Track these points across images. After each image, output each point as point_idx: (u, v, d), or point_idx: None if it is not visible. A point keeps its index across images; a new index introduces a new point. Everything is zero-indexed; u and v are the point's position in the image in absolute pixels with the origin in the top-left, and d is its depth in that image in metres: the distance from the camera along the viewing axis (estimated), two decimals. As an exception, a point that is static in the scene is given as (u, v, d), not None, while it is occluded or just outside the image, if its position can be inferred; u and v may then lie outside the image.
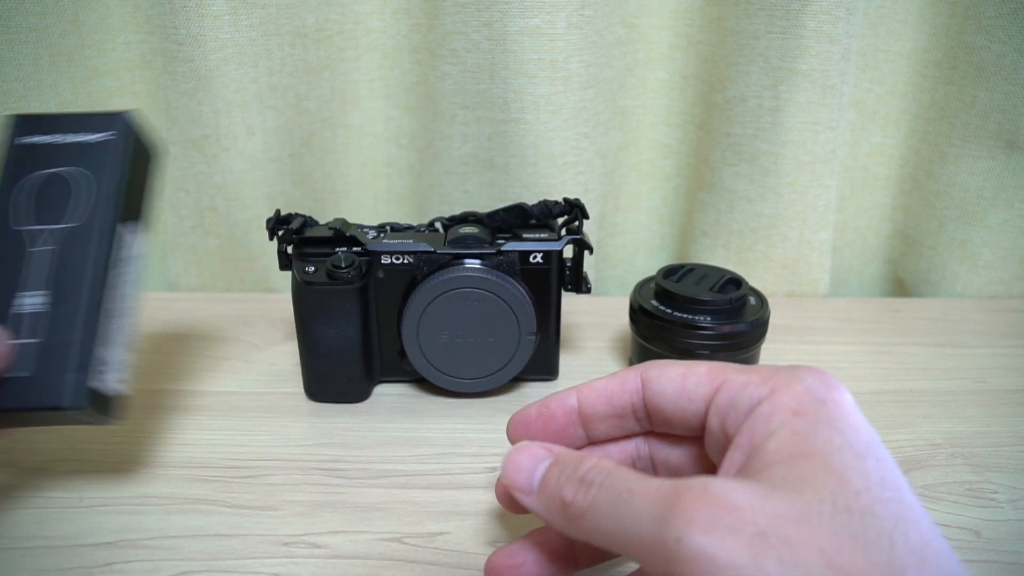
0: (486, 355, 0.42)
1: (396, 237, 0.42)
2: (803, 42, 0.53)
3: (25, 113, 0.35)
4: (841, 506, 0.20)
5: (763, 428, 0.23)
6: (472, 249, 0.41)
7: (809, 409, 0.23)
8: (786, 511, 0.20)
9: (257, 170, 0.55)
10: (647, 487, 0.22)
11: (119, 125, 0.34)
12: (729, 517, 0.20)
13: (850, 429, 0.23)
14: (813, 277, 0.62)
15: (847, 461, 0.21)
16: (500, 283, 0.40)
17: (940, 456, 0.40)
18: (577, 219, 0.43)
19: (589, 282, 0.44)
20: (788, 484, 0.21)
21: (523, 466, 0.26)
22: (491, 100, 0.55)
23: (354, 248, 0.42)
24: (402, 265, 0.41)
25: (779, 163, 0.57)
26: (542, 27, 0.52)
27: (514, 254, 0.41)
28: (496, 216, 0.43)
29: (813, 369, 0.25)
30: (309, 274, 0.40)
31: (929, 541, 0.20)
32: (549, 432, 0.29)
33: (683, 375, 0.26)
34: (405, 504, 0.36)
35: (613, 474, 0.24)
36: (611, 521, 0.22)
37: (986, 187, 0.59)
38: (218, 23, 0.50)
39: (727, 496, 0.20)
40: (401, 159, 0.62)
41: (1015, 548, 0.33)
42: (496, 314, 0.41)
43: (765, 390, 0.24)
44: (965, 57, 0.57)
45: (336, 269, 0.40)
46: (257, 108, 0.54)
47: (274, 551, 0.32)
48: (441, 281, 0.40)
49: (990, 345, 0.53)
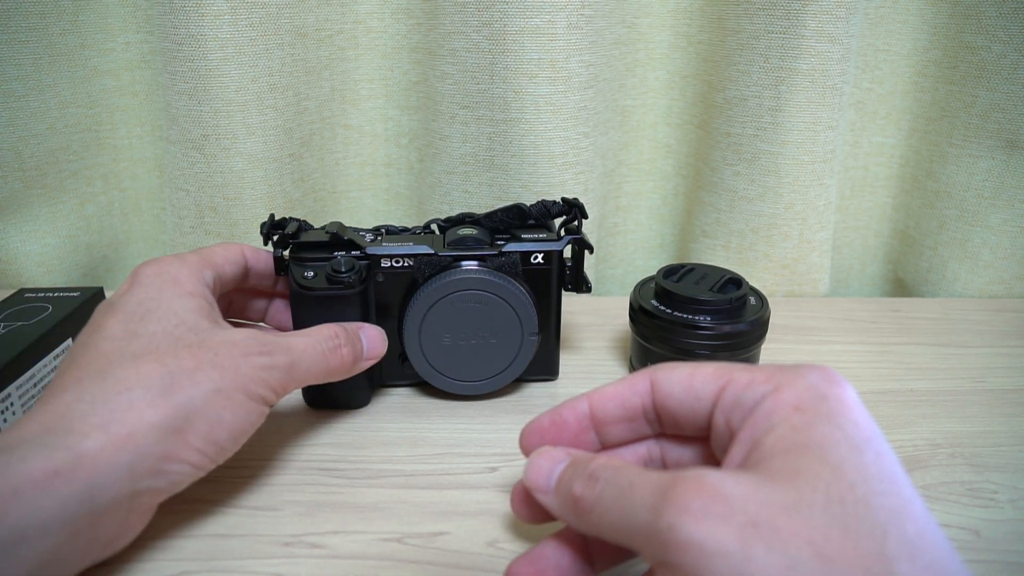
0: (489, 357, 0.42)
1: (393, 240, 0.42)
2: (803, 42, 0.53)
3: None
4: (835, 496, 0.21)
5: (764, 423, 0.24)
6: (473, 251, 0.41)
7: (810, 405, 0.24)
8: (778, 501, 0.21)
9: (257, 170, 0.55)
10: (646, 479, 0.23)
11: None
12: (720, 506, 0.20)
13: (850, 424, 0.23)
14: (813, 277, 0.62)
15: (844, 454, 0.22)
16: (503, 284, 0.40)
17: (940, 456, 0.40)
18: (576, 219, 0.43)
19: (589, 282, 0.44)
20: (783, 475, 0.21)
21: (543, 468, 0.28)
22: (491, 100, 0.55)
23: (353, 252, 0.41)
24: (402, 268, 0.41)
25: (779, 163, 0.57)
26: (542, 27, 0.52)
27: (516, 255, 0.41)
28: (494, 217, 0.43)
29: (818, 367, 0.25)
30: (308, 280, 0.40)
31: (924, 534, 0.21)
32: (562, 439, 0.30)
33: (690, 375, 0.27)
34: (405, 504, 0.35)
35: (619, 470, 0.25)
36: (615, 513, 0.24)
37: (986, 187, 0.59)
38: (218, 23, 0.50)
39: (719, 486, 0.21)
40: (401, 159, 0.62)
41: (1015, 548, 0.33)
42: (499, 315, 0.41)
43: (769, 387, 0.25)
44: (965, 57, 0.57)
45: (336, 274, 0.39)
46: (257, 108, 0.54)
47: (274, 551, 0.32)
48: (444, 284, 0.40)
49: (990, 345, 0.53)
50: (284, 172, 0.57)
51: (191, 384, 0.30)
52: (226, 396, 0.31)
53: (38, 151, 0.57)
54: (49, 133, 0.57)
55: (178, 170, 0.56)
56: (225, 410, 0.31)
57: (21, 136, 0.56)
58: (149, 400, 0.29)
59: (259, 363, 0.32)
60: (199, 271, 0.36)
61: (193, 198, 0.56)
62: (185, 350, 0.31)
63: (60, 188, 0.59)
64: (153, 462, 0.29)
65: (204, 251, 0.38)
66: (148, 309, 0.32)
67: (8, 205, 0.57)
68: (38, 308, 0.44)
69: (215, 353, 0.31)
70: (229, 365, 0.31)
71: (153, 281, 0.34)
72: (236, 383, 0.31)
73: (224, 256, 0.38)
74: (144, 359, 0.30)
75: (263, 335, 0.34)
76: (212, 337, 0.32)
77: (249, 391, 0.32)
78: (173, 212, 0.58)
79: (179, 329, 0.32)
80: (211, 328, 0.33)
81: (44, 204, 0.59)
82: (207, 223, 0.57)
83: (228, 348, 0.32)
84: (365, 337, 0.38)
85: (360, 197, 0.64)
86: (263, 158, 0.55)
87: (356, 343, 0.38)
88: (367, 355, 0.38)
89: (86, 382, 0.29)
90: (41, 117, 0.56)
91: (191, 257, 0.36)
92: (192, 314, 0.33)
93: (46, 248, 0.59)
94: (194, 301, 0.34)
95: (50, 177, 0.58)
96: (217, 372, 0.31)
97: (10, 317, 0.43)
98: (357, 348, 0.38)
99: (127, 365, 0.30)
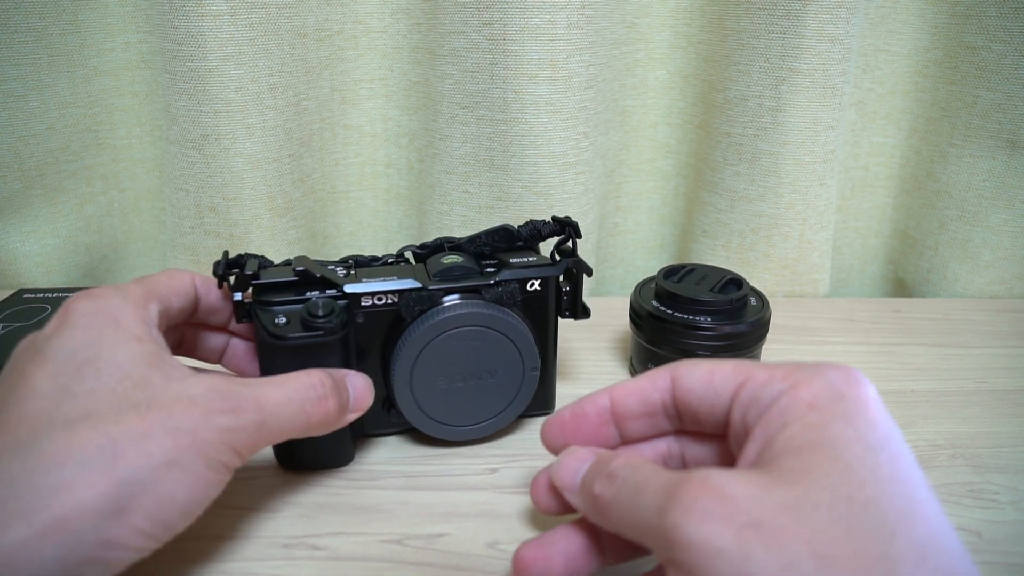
0: (487, 397, 0.38)
1: (370, 274, 0.37)
2: (803, 42, 0.53)
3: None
4: (842, 495, 0.21)
5: (778, 420, 0.24)
6: (465, 282, 0.36)
7: (826, 404, 0.23)
8: (781, 501, 0.21)
9: (257, 170, 0.55)
10: (658, 479, 0.23)
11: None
12: (723, 507, 0.21)
13: (866, 424, 0.23)
14: (813, 277, 0.62)
15: (856, 453, 0.22)
16: (502, 317, 0.36)
17: (941, 457, 0.40)
18: (570, 239, 0.39)
19: (588, 307, 0.40)
20: (792, 474, 0.22)
21: (570, 468, 0.28)
22: (491, 100, 0.55)
23: (328, 291, 0.35)
24: (385, 307, 0.36)
25: (779, 163, 0.57)
26: (542, 27, 0.52)
27: (514, 283, 0.37)
28: (477, 241, 0.39)
29: (840, 366, 0.25)
30: (281, 327, 0.33)
31: (935, 536, 0.20)
32: (583, 433, 0.30)
33: (711, 371, 0.27)
34: (405, 505, 0.35)
35: (637, 468, 0.25)
36: (629, 512, 0.24)
37: (987, 187, 0.59)
38: (218, 23, 0.50)
39: (724, 487, 0.21)
40: (401, 159, 0.62)
41: (1016, 549, 0.33)
42: (498, 352, 0.37)
43: (786, 385, 0.25)
44: (966, 57, 0.57)
45: (313, 318, 0.33)
46: (257, 108, 0.54)
47: (274, 553, 0.32)
48: (437, 322, 0.35)
49: (991, 345, 0.53)
50: (284, 172, 0.57)
51: (138, 456, 0.25)
52: (181, 468, 0.26)
53: (38, 151, 0.57)
54: (49, 133, 0.57)
55: (178, 170, 0.56)
56: (179, 485, 0.26)
57: (21, 136, 0.55)
58: (85, 479, 0.24)
59: (222, 424, 0.27)
60: (143, 306, 0.30)
61: (193, 198, 0.56)
62: (131, 412, 0.26)
63: (60, 188, 0.59)
64: (88, 550, 0.24)
65: (147, 281, 0.32)
66: (85, 359, 0.27)
67: (8, 205, 0.57)
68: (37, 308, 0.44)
69: (168, 414, 0.26)
70: (186, 428, 0.26)
71: (90, 322, 0.28)
72: (194, 451, 0.26)
73: (170, 286, 0.33)
74: (80, 426, 0.25)
75: (227, 385, 0.28)
76: (164, 392, 0.27)
77: (209, 459, 0.27)
78: (173, 212, 0.58)
79: (123, 385, 0.27)
80: (162, 381, 0.28)
81: (44, 204, 0.58)
82: (207, 223, 0.57)
83: (185, 407, 0.27)
84: (351, 386, 0.33)
85: (360, 197, 0.64)
86: (263, 158, 0.55)
87: (343, 392, 0.32)
88: (353, 407, 0.33)
89: (4, 456, 0.24)
90: (41, 117, 0.56)
91: (133, 289, 0.31)
92: (139, 364, 0.28)
93: (46, 248, 0.59)
94: (140, 347, 0.28)
95: (50, 177, 0.58)
96: (171, 438, 0.26)
97: (9, 318, 0.43)
98: (343, 398, 0.32)
99: (57, 434, 0.25)
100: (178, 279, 0.33)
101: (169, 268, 0.33)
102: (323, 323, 0.33)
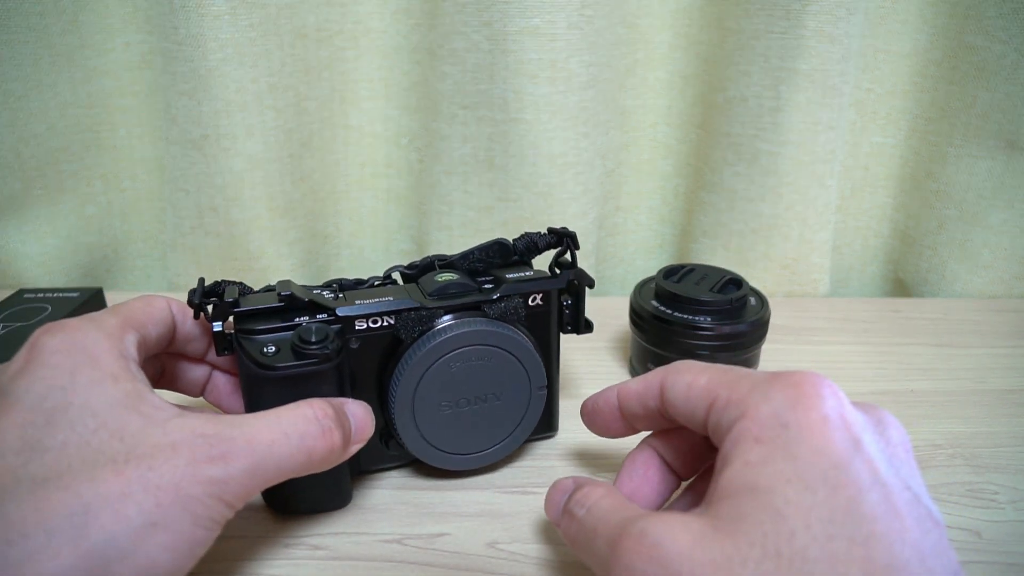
0: (493, 421, 0.36)
1: (361, 296, 0.34)
2: (803, 42, 0.53)
3: None
4: (771, 551, 0.20)
5: (725, 455, 0.24)
6: (465, 299, 0.34)
7: (769, 435, 0.23)
8: (712, 557, 0.21)
9: (257, 170, 0.55)
10: (607, 527, 0.24)
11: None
12: (657, 568, 0.22)
13: (810, 454, 0.22)
14: (813, 277, 0.62)
15: (790, 496, 0.21)
16: (507, 335, 0.34)
17: (941, 457, 0.40)
18: (568, 251, 0.37)
19: (590, 322, 0.39)
20: (728, 523, 0.22)
21: (552, 500, 0.29)
22: (491, 100, 0.55)
23: (319, 315, 0.33)
24: (380, 329, 0.33)
25: (779, 163, 0.57)
26: (542, 27, 0.52)
27: (517, 298, 0.35)
28: (470, 257, 0.37)
29: (793, 381, 0.23)
30: (270, 356, 0.30)
31: (888, 569, 0.20)
32: (599, 422, 0.32)
33: (689, 386, 0.27)
34: (405, 505, 0.35)
35: (591, 510, 0.26)
36: (586, 556, 0.26)
37: (986, 187, 0.59)
38: (218, 23, 0.50)
39: (660, 542, 0.22)
40: (401, 159, 0.62)
41: (1016, 549, 0.33)
42: (503, 372, 0.35)
43: (739, 412, 0.24)
44: (965, 57, 0.57)
45: (306, 345, 0.30)
46: (257, 108, 0.54)
47: (275, 552, 0.32)
48: (440, 343, 0.33)
49: (990, 345, 0.53)
50: (284, 172, 0.57)
51: (114, 519, 0.22)
52: (164, 529, 0.23)
53: (38, 152, 0.57)
54: (49, 133, 0.57)
55: (178, 170, 0.56)
56: (162, 549, 0.23)
57: (21, 136, 0.55)
58: (53, 549, 0.22)
59: (210, 475, 0.24)
60: (119, 338, 0.27)
61: (193, 198, 0.56)
62: (107, 467, 0.23)
63: (60, 188, 0.59)
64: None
65: (122, 309, 0.29)
66: (55, 406, 0.24)
67: (8, 205, 0.57)
68: (38, 309, 0.44)
69: (148, 467, 0.24)
70: (168, 483, 0.24)
71: (61, 361, 0.25)
72: (178, 508, 0.24)
73: (147, 313, 0.30)
74: (49, 487, 0.23)
75: (214, 427, 0.26)
76: (144, 441, 0.24)
77: (196, 516, 0.24)
78: (173, 212, 0.58)
79: (98, 436, 0.24)
80: (142, 427, 0.25)
81: (44, 204, 0.58)
82: (207, 223, 0.57)
83: (167, 457, 0.24)
84: (351, 415, 0.30)
85: (360, 197, 0.64)
86: (263, 158, 0.55)
87: (345, 422, 0.30)
88: (355, 438, 0.30)
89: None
90: (41, 117, 0.56)
91: (107, 320, 0.28)
92: (116, 409, 0.25)
93: (46, 248, 0.59)
94: (117, 388, 0.25)
95: (50, 178, 0.58)
96: (152, 496, 0.23)
97: (10, 318, 0.43)
98: (347, 429, 0.29)
99: (25, 497, 0.22)
100: (154, 305, 0.31)
101: (143, 295, 0.31)
102: (317, 350, 0.30)
